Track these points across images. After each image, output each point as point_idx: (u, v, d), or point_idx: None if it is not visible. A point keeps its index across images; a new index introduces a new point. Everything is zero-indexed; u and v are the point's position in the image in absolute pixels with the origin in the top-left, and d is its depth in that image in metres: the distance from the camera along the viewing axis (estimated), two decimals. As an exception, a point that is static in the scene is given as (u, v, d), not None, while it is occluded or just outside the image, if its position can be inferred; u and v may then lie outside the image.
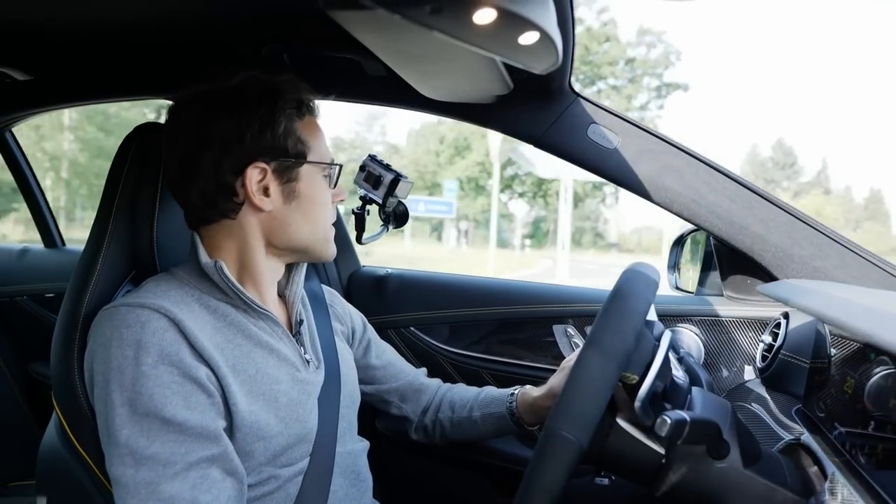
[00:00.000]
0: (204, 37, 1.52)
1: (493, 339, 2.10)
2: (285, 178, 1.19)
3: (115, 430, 1.02)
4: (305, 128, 1.22)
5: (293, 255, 1.28)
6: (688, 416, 0.91)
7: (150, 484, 0.99)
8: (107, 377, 1.04)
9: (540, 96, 1.62)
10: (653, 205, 1.64)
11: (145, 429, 1.01)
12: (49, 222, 2.90)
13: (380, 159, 1.83)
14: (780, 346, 1.44)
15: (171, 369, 1.05)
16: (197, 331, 1.09)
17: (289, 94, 1.20)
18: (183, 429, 1.03)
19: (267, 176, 1.17)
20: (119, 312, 1.08)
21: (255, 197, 1.17)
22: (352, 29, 1.04)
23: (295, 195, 1.20)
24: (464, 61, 1.25)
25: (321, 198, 1.24)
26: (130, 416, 1.01)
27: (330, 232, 1.28)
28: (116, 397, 1.02)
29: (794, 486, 1.00)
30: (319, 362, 1.33)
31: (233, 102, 1.16)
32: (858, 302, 1.10)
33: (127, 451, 1.01)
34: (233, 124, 1.15)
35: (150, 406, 1.02)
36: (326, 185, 1.25)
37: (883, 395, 0.96)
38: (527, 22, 0.69)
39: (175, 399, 1.03)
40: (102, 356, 1.06)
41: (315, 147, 1.23)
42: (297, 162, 1.19)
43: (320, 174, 1.23)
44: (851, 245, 1.54)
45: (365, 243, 1.94)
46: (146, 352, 1.04)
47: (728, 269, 1.83)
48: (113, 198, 1.27)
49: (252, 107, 1.16)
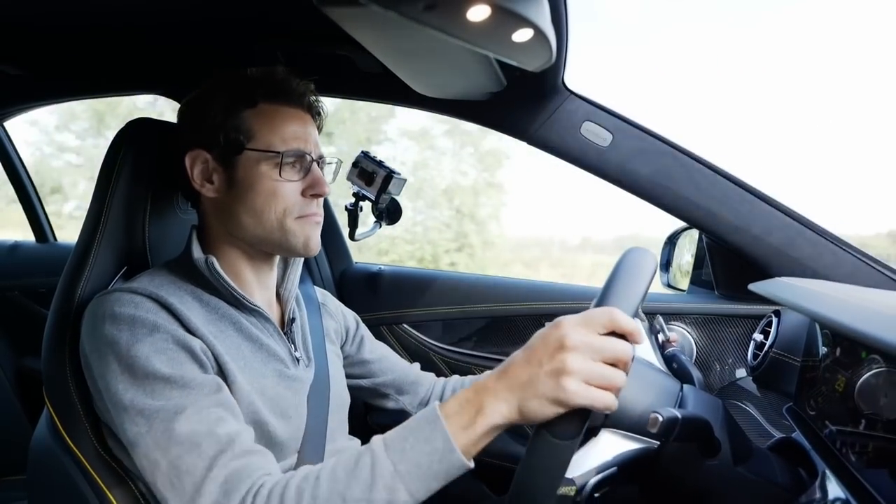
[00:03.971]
0: (197, 33, 1.52)
1: (485, 335, 2.10)
2: (224, 166, 1.20)
3: (120, 396, 1.02)
4: (255, 115, 1.20)
5: (252, 246, 1.25)
6: (679, 414, 0.91)
7: (164, 432, 0.99)
8: (102, 352, 1.05)
9: (533, 93, 1.62)
10: (646, 203, 1.65)
11: (148, 389, 1.02)
12: (41, 217, 2.89)
13: (373, 156, 1.83)
14: (772, 345, 1.45)
15: (166, 337, 1.06)
16: (190, 316, 1.11)
17: (233, 84, 1.21)
18: (185, 382, 1.03)
19: (209, 164, 1.21)
20: (112, 296, 1.10)
21: (197, 183, 1.21)
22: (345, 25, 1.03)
23: (234, 183, 1.20)
24: (457, 58, 1.25)
25: (264, 187, 1.19)
26: (132, 381, 1.02)
27: (295, 224, 1.22)
28: (115, 367, 1.03)
29: (784, 484, 1.00)
30: (310, 361, 1.33)
31: (192, 96, 1.25)
32: (850, 300, 1.11)
33: (135, 411, 1.01)
34: (182, 116, 1.25)
35: (149, 368, 1.02)
36: (276, 174, 1.19)
37: (874, 394, 0.96)
38: (521, 19, 0.69)
39: (172, 361, 1.05)
40: (96, 335, 1.07)
41: (262, 135, 1.19)
42: (233, 150, 1.19)
43: (266, 162, 1.19)
44: (844, 244, 1.54)
45: (358, 240, 1.94)
46: (140, 325, 1.06)
47: (720, 267, 1.83)
48: (105, 193, 1.26)
49: (195, 99, 1.24)
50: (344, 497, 0.92)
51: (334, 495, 0.93)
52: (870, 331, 0.85)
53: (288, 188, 1.20)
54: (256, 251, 1.26)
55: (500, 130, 1.72)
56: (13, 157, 2.81)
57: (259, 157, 1.19)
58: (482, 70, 1.35)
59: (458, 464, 0.91)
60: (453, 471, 0.92)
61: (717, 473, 0.97)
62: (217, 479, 0.97)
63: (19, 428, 2.63)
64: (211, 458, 0.98)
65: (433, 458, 0.91)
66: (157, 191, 1.30)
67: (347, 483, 0.93)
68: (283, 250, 1.25)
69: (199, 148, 1.20)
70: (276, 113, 1.22)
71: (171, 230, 1.33)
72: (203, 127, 1.20)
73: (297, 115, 1.24)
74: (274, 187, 1.19)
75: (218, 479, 0.97)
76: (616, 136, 1.61)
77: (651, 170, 1.61)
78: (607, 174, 1.64)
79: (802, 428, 1.18)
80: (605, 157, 1.62)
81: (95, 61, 1.78)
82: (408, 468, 0.92)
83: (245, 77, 1.21)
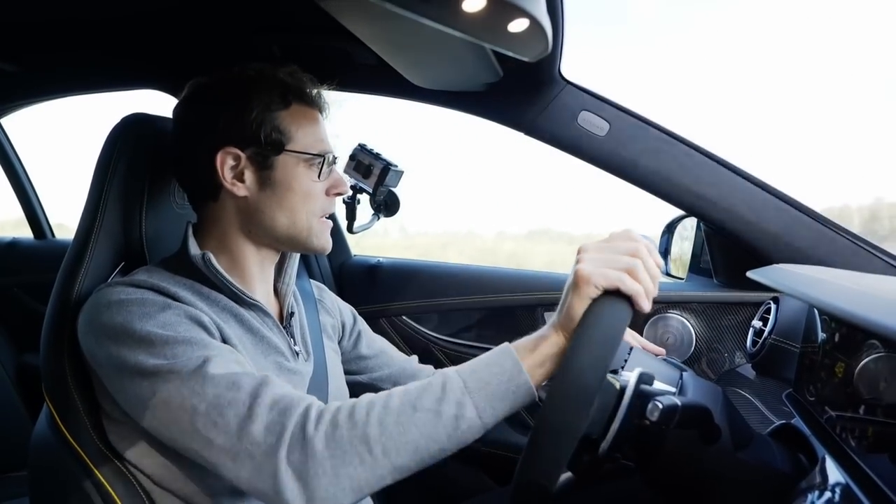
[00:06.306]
0: (193, 27, 1.51)
1: (484, 326, 2.10)
2: (260, 166, 1.19)
3: (142, 366, 1.01)
4: (290, 117, 1.21)
5: (277, 244, 1.27)
6: (679, 402, 0.91)
7: (197, 379, 0.99)
8: (112, 336, 1.04)
9: (530, 84, 1.61)
10: (643, 192, 1.65)
11: (170, 353, 1.01)
12: (38, 213, 2.89)
13: (370, 148, 1.82)
14: (771, 331, 1.45)
15: (178, 312, 1.07)
16: (195, 302, 1.12)
17: (270, 84, 1.20)
18: (205, 343, 1.04)
19: (242, 162, 1.19)
20: (115, 287, 1.10)
21: (228, 182, 1.19)
22: (341, 17, 1.04)
23: (270, 183, 1.20)
24: (453, 49, 1.25)
25: (301, 188, 1.21)
26: (151, 350, 1.01)
27: (318, 224, 1.26)
28: (130, 344, 1.03)
29: (784, 470, 1.00)
30: (309, 355, 1.33)
31: (216, 92, 1.21)
32: (849, 286, 1.11)
33: (164, 373, 1.00)
34: (210, 111, 1.20)
35: (168, 334, 1.02)
36: (311, 176, 1.23)
37: (873, 379, 0.96)
38: (516, 9, 0.69)
39: (189, 329, 1.05)
40: (102, 322, 1.06)
41: (299, 137, 1.21)
42: (272, 150, 1.19)
43: (302, 164, 1.21)
44: (843, 231, 1.54)
45: (356, 232, 1.94)
46: (150, 304, 1.06)
47: (719, 255, 1.83)
48: (101, 188, 1.26)
49: (228, 95, 1.20)
50: (415, 406, 0.95)
51: (406, 406, 0.95)
52: (869, 316, 0.85)
53: (318, 188, 1.24)
54: (269, 248, 1.27)
55: (496, 121, 1.71)
56: (10, 154, 2.80)
57: (297, 158, 1.21)
58: (478, 61, 1.35)
59: (525, 386, 0.96)
60: (520, 394, 0.96)
61: (718, 460, 0.97)
62: (265, 402, 0.97)
63: (20, 424, 2.63)
64: (253, 388, 0.99)
65: (502, 378, 0.96)
66: (153, 185, 1.29)
67: (419, 395, 0.97)
68: (302, 248, 1.28)
69: (231, 146, 1.18)
70: (306, 114, 1.24)
71: (168, 225, 1.33)
72: (238, 126, 1.18)
73: (318, 115, 1.27)
74: (310, 188, 1.23)
75: (265, 402, 0.97)
76: (613, 125, 1.61)
77: (648, 158, 1.61)
78: (604, 164, 1.64)
79: (802, 414, 1.18)
80: (601, 147, 1.62)
81: (89, 56, 1.78)
82: (477, 385, 0.96)
83: (277, 77, 1.21)
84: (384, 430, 0.94)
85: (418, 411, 0.94)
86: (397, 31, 1.13)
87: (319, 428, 0.95)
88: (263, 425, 0.95)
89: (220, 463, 0.97)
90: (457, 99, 1.70)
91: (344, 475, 0.93)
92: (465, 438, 0.96)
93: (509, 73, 1.50)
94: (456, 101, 1.72)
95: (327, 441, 0.94)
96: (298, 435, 0.94)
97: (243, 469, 0.96)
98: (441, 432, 0.94)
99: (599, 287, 0.93)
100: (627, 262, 0.94)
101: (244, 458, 0.95)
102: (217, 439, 0.97)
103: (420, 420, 0.94)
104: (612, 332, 0.91)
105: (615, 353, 0.89)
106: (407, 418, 0.94)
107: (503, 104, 1.67)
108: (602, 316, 0.92)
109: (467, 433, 0.95)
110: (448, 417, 0.94)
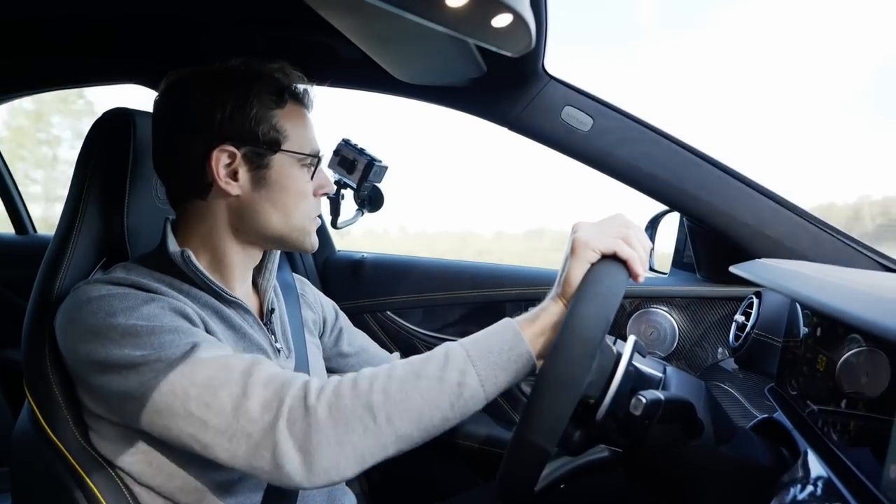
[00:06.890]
0: (175, 19, 1.50)
1: (468, 321, 2.11)
2: (255, 165, 1.17)
3: (129, 358, 0.99)
4: (286, 116, 1.20)
5: (265, 243, 1.26)
6: (662, 396, 0.91)
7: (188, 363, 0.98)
8: (95, 331, 1.03)
9: (514, 79, 1.61)
10: (626, 187, 1.65)
11: (156, 342, 1.00)
12: (20, 208, 2.87)
13: (354, 143, 1.82)
14: (753, 326, 1.46)
15: (163, 304, 1.06)
16: (177, 296, 1.11)
17: (267, 82, 1.18)
18: (192, 332, 1.04)
19: (236, 160, 1.16)
20: (94, 285, 1.09)
21: (222, 180, 1.16)
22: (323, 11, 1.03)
23: (264, 182, 1.18)
24: (437, 44, 1.24)
25: (295, 188, 1.21)
26: (138, 341, 1.00)
27: (310, 224, 1.25)
28: (114, 337, 1.01)
29: (767, 464, 1.01)
30: (290, 351, 1.32)
31: (209, 86, 1.17)
32: (830, 280, 1.12)
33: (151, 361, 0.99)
34: (204, 107, 1.16)
35: (154, 324, 1.02)
36: (305, 176, 1.22)
37: (855, 373, 0.97)
38: (500, 4, 0.69)
39: (174, 319, 1.05)
40: (83, 317, 1.05)
41: (294, 136, 1.20)
42: (268, 149, 1.17)
43: (297, 164, 1.20)
44: (824, 225, 1.56)
45: (340, 228, 1.93)
46: (133, 297, 1.06)
47: (701, 250, 1.84)
48: (82, 184, 1.25)
49: (225, 91, 1.16)
50: (418, 374, 0.97)
51: (409, 374, 0.97)
52: (850, 310, 0.86)
53: (310, 189, 1.24)
54: (255, 246, 1.26)
55: (480, 116, 1.71)
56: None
57: (292, 158, 1.20)
58: (462, 56, 1.35)
59: (526, 355, 0.98)
60: (521, 363, 0.98)
61: (701, 454, 0.98)
62: (258, 380, 0.98)
63: (2, 420, 2.61)
64: (245, 368, 0.99)
65: (503, 346, 0.98)
66: (134, 181, 1.28)
67: (423, 364, 0.99)
68: (292, 247, 1.27)
69: (227, 143, 1.15)
70: (298, 114, 1.23)
71: (149, 220, 1.32)
72: (235, 123, 1.15)
73: (308, 114, 1.27)
74: (304, 189, 1.23)
75: (259, 380, 0.98)
76: (596, 120, 1.61)
77: (631, 154, 1.61)
78: (588, 158, 1.64)
79: (784, 408, 1.19)
80: (585, 142, 1.62)
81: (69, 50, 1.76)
82: (479, 354, 0.98)
83: (272, 75, 1.20)
84: (388, 397, 0.95)
85: (421, 378, 0.96)
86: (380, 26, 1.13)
87: (322, 398, 0.95)
88: (259, 402, 0.95)
89: (216, 443, 0.97)
90: (441, 94, 1.70)
91: (347, 443, 0.94)
92: (467, 407, 0.97)
93: (493, 68, 1.50)
94: (440, 97, 1.72)
95: (330, 410, 0.95)
96: (299, 407, 0.95)
97: (240, 448, 0.96)
98: (444, 399, 0.95)
99: (597, 251, 0.98)
100: (622, 230, 0.99)
101: (240, 436, 0.95)
102: (212, 420, 0.96)
103: (423, 387, 0.95)
104: (613, 289, 0.94)
105: (615, 310, 0.92)
106: (410, 385, 0.96)
107: (487, 99, 1.67)
108: (602, 275, 0.96)
109: (470, 402, 0.96)
110: (451, 384, 0.95)
